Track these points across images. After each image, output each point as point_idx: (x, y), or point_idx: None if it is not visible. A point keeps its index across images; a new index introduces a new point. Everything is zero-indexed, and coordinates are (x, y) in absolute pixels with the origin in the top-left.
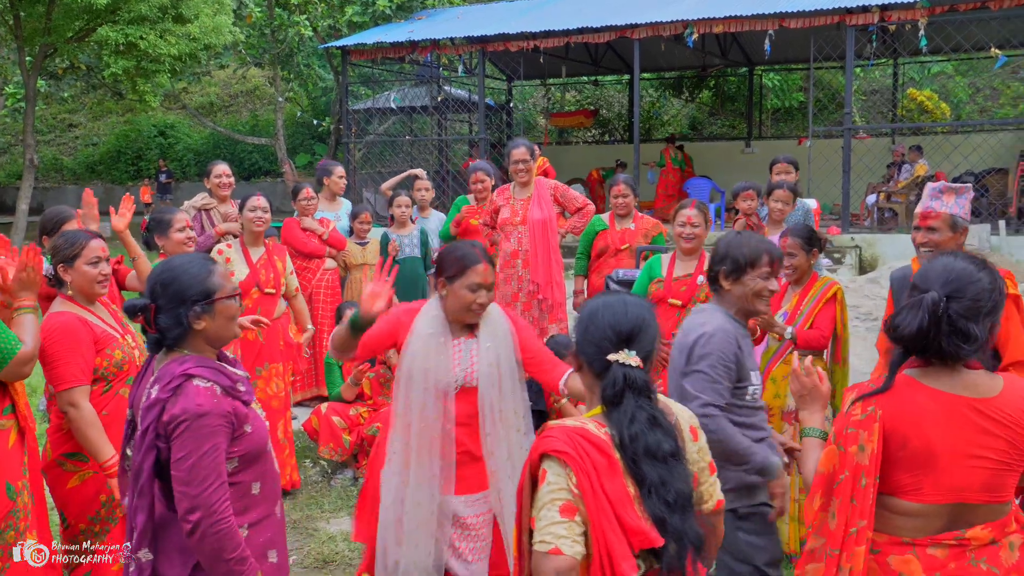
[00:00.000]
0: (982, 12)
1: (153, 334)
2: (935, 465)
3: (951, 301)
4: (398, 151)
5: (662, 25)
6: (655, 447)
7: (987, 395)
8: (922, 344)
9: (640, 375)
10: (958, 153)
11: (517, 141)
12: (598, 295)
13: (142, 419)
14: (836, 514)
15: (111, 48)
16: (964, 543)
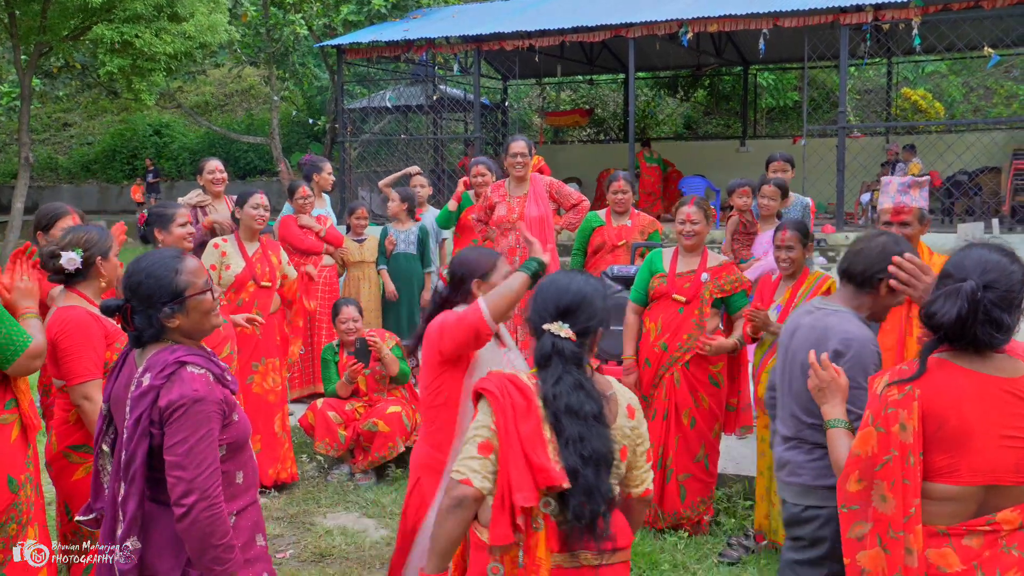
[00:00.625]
0: (975, 11)
1: (132, 331)
2: (970, 446)
3: (987, 291)
4: (394, 150)
5: (657, 24)
6: (576, 406)
7: (1014, 375)
8: (959, 331)
9: (568, 346)
10: (952, 152)
11: (516, 136)
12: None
13: (133, 407)
14: (888, 496)
15: (106, 46)
16: (996, 528)
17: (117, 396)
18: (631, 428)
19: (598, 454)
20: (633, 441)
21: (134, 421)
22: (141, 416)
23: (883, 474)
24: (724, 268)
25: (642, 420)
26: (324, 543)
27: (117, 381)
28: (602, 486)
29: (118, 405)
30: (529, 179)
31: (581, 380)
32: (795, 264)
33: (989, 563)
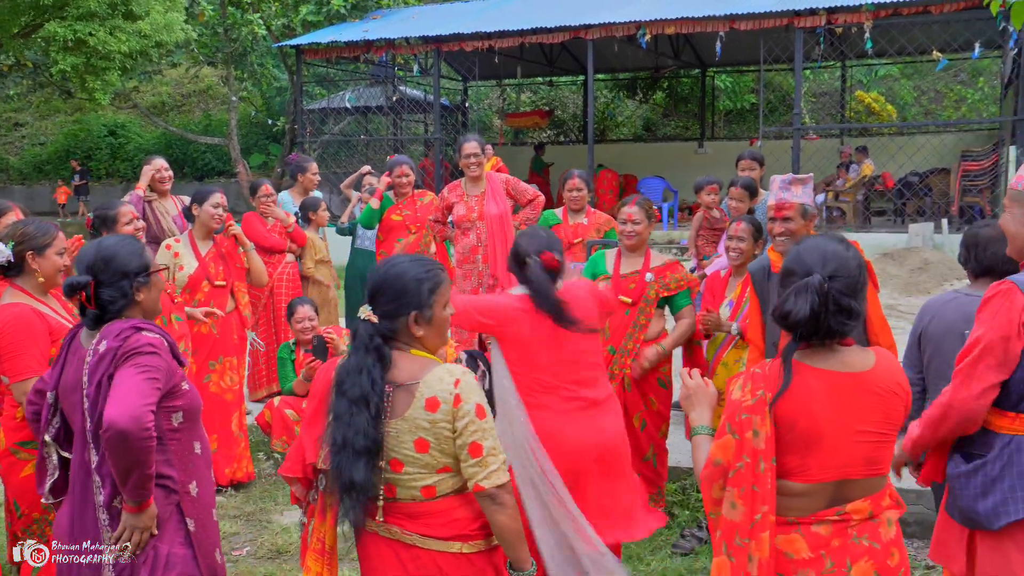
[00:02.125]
0: (924, 16)
1: (92, 310)
2: (821, 445)
3: (833, 281)
4: (354, 151)
5: (615, 26)
6: (342, 385)
7: (863, 369)
8: (814, 326)
9: (365, 328)
10: (903, 153)
11: (468, 136)
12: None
13: (92, 374)
14: (737, 503)
15: (59, 44)
16: (846, 518)
17: (65, 383)
18: (430, 421)
19: (345, 439)
20: (437, 434)
21: (96, 385)
22: (102, 378)
23: (734, 481)
24: (668, 267)
25: (458, 413)
26: (281, 540)
27: (65, 368)
28: (347, 471)
29: (66, 392)
30: (485, 178)
31: (365, 364)
32: (744, 256)
33: (839, 552)
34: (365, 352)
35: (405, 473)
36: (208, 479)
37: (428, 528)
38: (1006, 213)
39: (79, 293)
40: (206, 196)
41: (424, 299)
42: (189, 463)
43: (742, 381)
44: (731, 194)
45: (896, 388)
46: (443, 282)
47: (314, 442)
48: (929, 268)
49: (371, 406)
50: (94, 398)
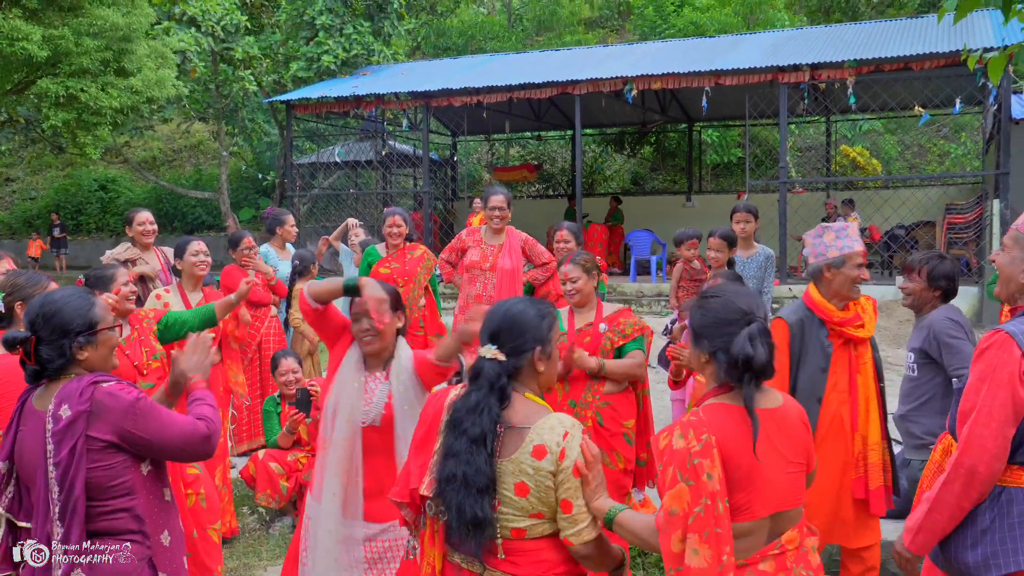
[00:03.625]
0: (905, 72)
1: (32, 366)
2: (760, 479)
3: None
4: (343, 205)
5: (602, 81)
6: (459, 423)
7: (776, 405)
8: (767, 368)
9: (490, 366)
10: (888, 206)
11: (496, 188)
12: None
13: (61, 441)
14: (699, 548)
15: (51, 101)
16: (783, 550)
17: (21, 450)
18: (533, 467)
19: (461, 475)
20: (538, 482)
21: (68, 452)
22: (76, 445)
23: (695, 527)
24: (620, 314)
25: (561, 466)
26: None
27: (19, 435)
28: (466, 507)
29: (24, 460)
30: (506, 232)
31: (484, 402)
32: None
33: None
34: (489, 391)
35: (500, 513)
36: (178, 527)
37: (515, 566)
38: (1004, 253)
39: (15, 348)
40: (184, 247)
41: (545, 333)
42: (159, 511)
43: (680, 430)
44: (710, 244)
45: (803, 421)
46: (556, 317)
47: (421, 468)
48: None
49: (488, 445)
50: (66, 464)
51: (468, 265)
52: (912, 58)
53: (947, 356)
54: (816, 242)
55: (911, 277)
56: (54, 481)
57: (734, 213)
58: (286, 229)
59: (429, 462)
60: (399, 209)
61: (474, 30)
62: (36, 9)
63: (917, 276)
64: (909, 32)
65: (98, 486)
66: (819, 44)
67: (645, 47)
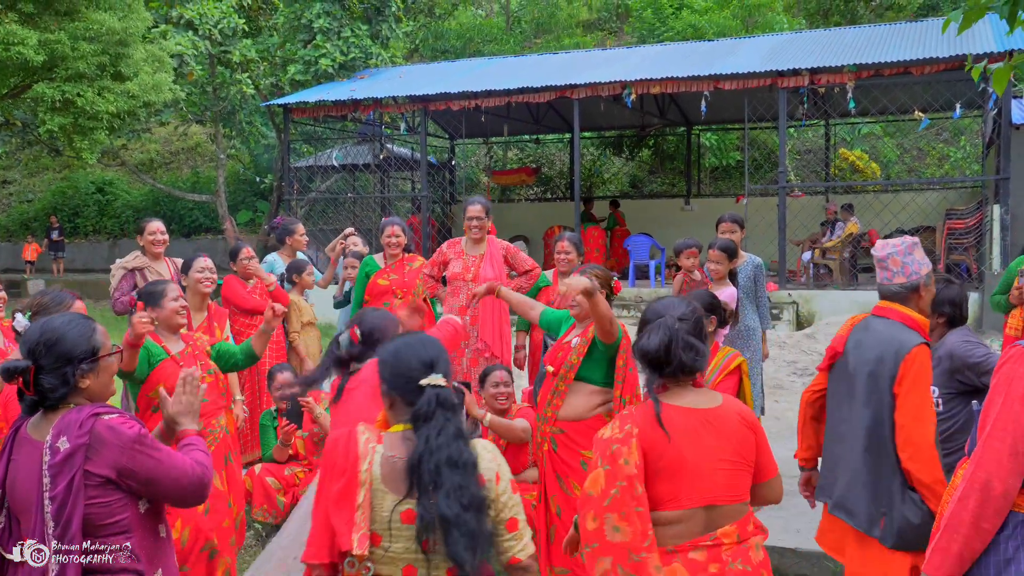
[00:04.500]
0: (905, 77)
1: (31, 396)
2: (686, 472)
3: (681, 322)
4: (340, 209)
5: (601, 85)
6: (456, 456)
7: (710, 406)
8: (665, 357)
9: (449, 394)
10: (888, 211)
11: (474, 198)
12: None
13: (58, 475)
14: (620, 526)
15: (47, 105)
16: (718, 543)
17: (14, 480)
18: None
19: (478, 500)
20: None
21: (65, 486)
22: (73, 480)
23: (612, 507)
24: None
25: (499, 489)
26: None
27: (12, 463)
28: (484, 527)
29: (16, 490)
30: (486, 240)
31: (461, 429)
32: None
33: (708, 569)
34: (455, 415)
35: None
36: (173, 565)
37: None
38: None
39: (15, 379)
40: (190, 263)
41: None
42: (155, 550)
43: (614, 421)
44: (710, 256)
45: (744, 423)
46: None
47: (347, 525)
48: None
49: (479, 466)
50: (62, 499)
51: (450, 277)
52: (912, 63)
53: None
54: (908, 259)
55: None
56: (49, 516)
57: (719, 223)
58: (296, 239)
59: (353, 518)
60: (397, 219)
61: (472, 33)
62: (32, 13)
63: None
64: (909, 36)
65: (94, 523)
66: (818, 48)
67: (644, 51)
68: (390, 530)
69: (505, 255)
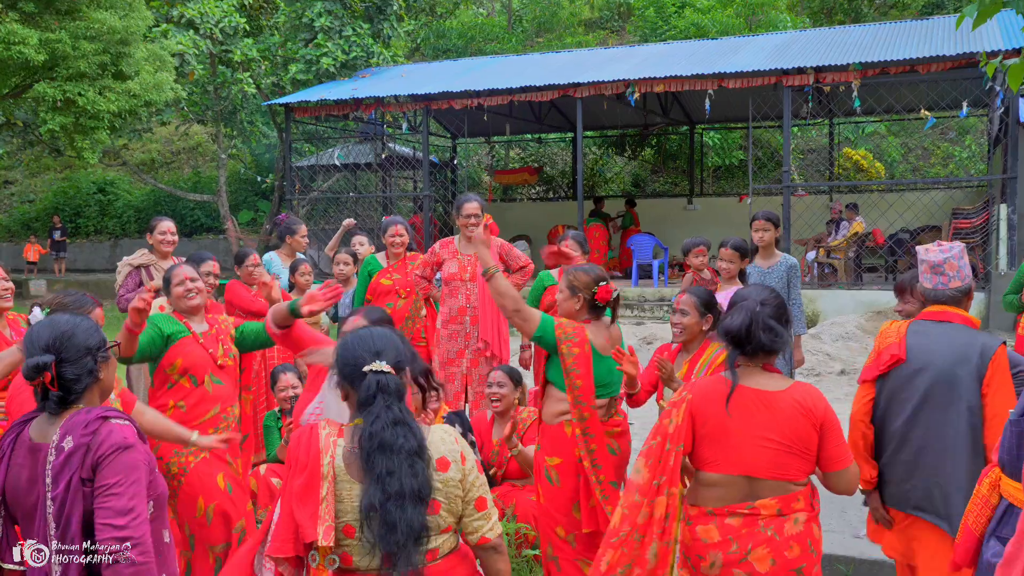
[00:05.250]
0: (911, 75)
1: (56, 392)
2: (729, 441)
3: (763, 306)
4: (342, 208)
5: (604, 84)
6: (391, 441)
7: (772, 390)
8: (746, 337)
9: (392, 379)
10: (893, 211)
11: (469, 195)
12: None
13: (59, 474)
14: (642, 469)
15: (48, 104)
16: (754, 512)
17: (16, 484)
18: (443, 481)
19: (405, 489)
20: (448, 493)
21: (64, 487)
22: (71, 480)
23: (646, 453)
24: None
25: (466, 470)
26: None
27: (11, 467)
28: (409, 519)
29: (18, 494)
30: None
31: (402, 416)
32: (687, 331)
33: (744, 539)
34: (398, 402)
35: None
36: (175, 569)
37: None
38: None
39: (42, 375)
40: (197, 265)
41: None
42: (160, 554)
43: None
44: (721, 255)
45: (803, 411)
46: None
47: (311, 518)
48: None
49: (423, 454)
50: (62, 500)
51: (447, 278)
52: (918, 61)
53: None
54: (962, 264)
55: (904, 298)
56: (51, 517)
57: (753, 221)
58: (296, 239)
59: (318, 511)
60: (400, 218)
61: (474, 32)
62: (33, 13)
63: (911, 296)
64: (915, 34)
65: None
66: (823, 47)
67: (647, 49)
68: (360, 517)
69: (500, 252)
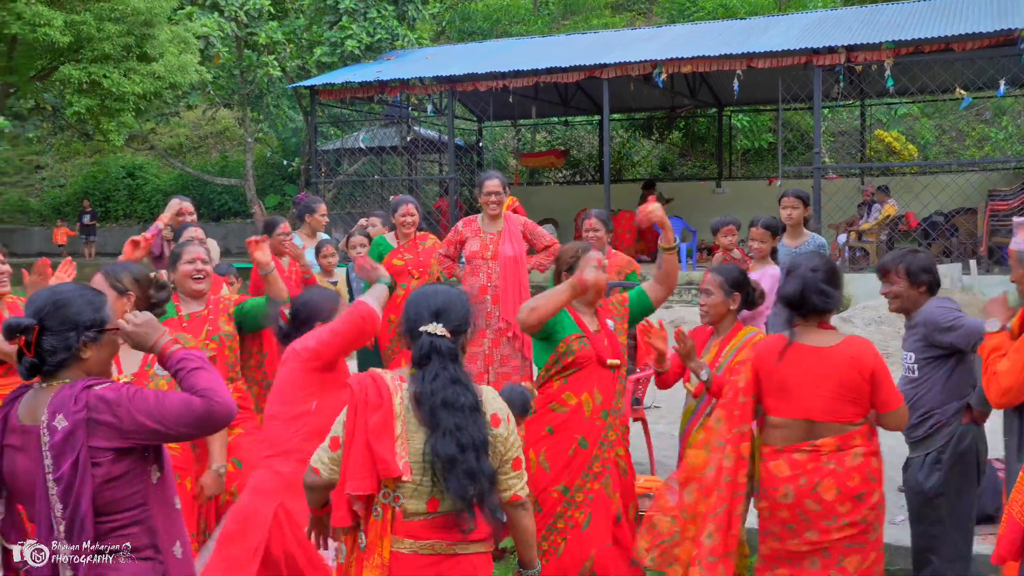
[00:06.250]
0: (946, 54)
1: (30, 358)
2: (790, 391)
3: (815, 272)
4: (368, 191)
5: (631, 65)
6: (452, 399)
7: (826, 345)
8: (800, 300)
9: (445, 343)
10: (927, 193)
11: (490, 172)
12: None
13: (59, 456)
14: (721, 419)
15: (74, 87)
16: (817, 449)
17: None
18: (493, 435)
19: (476, 440)
20: (496, 448)
21: (71, 466)
22: (78, 458)
23: (723, 406)
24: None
25: (510, 429)
26: None
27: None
28: (484, 467)
29: (16, 477)
30: (503, 217)
31: (458, 375)
32: (712, 312)
33: (811, 473)
34: (454, 363)
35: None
36: (187, 536)
37: (475, 533)
38: None
39: (18, 337)
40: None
41: (472, 319)
42: (171, 521)
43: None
44: (752, 234)
45: (854, 363)
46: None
47: (392, 453)
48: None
49: (479, 408)
50: (69, 479)
51: (469, 256)
52: (954, 38)
53: (958, 339)
54: None
55: (890, 279)
56: (56, 498)
57: (782, 198)
58: (315, 218)
59: (394, 446)
60: (410, 198)
61: (499, 14)
62: None
63: (896, 276)
64: (949, 11)
65: (107, 499)
66: (855, 25)
67: (675, 30)
68: (422, 463)
69: (524, 231)
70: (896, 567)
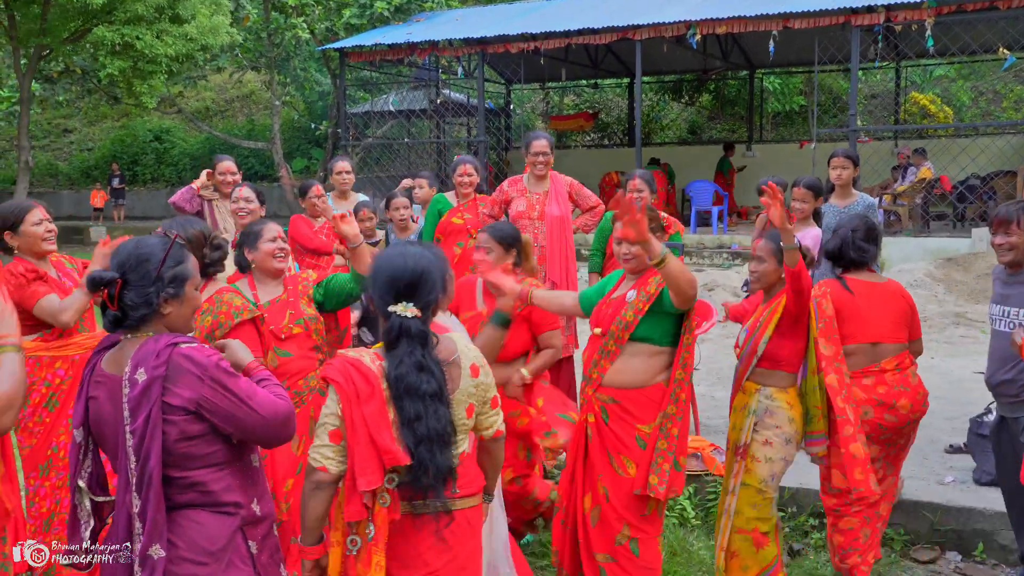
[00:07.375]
0: (990, 12)
1: (113, 311)
2: (861, 317)
3: (854, 232)
4: (396, 155)
5: (664, 26)
6: (416, 385)
7: (877, 282)
8: (840, 254)
9: (415, 324)
10: (965, 155)
11: (538, 132)
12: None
13: (136, 408)
14: (827, 345)
15: (107, 48)
16: (882, 371)
17: (98, 419)
18: (475, 385)
19: (433, 432)
20: (480, 396)
21: (144, 420)
22: (151, 413)
23: (822, 333)
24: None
25: (488, 372)
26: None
27: (91, 401)
28: (439, 462)
29: (101, 428)
30: (549, 177)
31: (424, 360)
32: (763, 279)
33: (885, 396)
34: (421, 346)
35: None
36: (267, 493)
37: (463, 489)
38: None
39: (101, 290)
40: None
41: (446, 284)
42: (250, 480)
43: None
44: (794, 195)
45: (901, 294)
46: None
47: (393, 441)
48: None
49: (443, 398)
50: (141, 433)
51: (514, 216)
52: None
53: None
54: None
55: (1010, 230)
56: (131, 451)
57: (832, 158)
58: (334, 176)
59: (393, 434)
60: (470, 157)
61: None
62: None
63: (1017, 228)
64: None
65: (181, 455)
66: None
67: None
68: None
69: (569, 191)
70: (947, 527)
